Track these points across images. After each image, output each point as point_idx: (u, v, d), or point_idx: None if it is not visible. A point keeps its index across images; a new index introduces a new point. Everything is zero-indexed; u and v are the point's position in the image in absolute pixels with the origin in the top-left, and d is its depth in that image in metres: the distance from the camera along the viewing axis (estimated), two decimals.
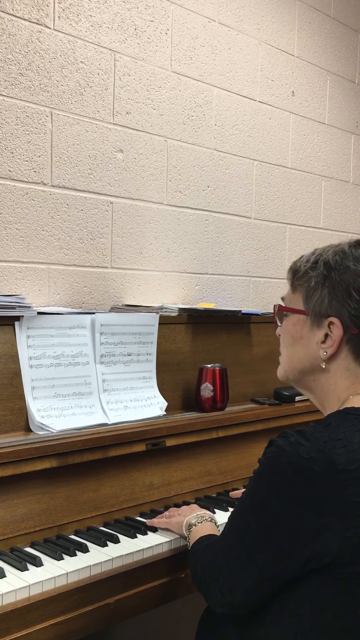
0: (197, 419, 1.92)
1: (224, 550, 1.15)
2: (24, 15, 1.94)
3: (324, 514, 1.02)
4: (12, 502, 1.46)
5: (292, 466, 1.04)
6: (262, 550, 1.07)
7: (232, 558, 1.12)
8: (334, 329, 1.16)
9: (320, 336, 1.18)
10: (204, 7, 2.48)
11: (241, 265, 2.71)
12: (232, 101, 2.63)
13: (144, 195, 2.31)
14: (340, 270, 1.17)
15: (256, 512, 1.08)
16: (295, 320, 1.23)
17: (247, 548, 1.09)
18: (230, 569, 1.12)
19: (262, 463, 1.10)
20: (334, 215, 3.20)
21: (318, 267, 1.19)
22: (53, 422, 1.71)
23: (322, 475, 1.02)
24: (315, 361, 1.20)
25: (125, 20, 2.21)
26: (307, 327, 1.21)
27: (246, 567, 1.09)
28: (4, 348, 1.69)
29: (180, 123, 2.42)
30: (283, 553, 1.05)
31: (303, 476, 1.03)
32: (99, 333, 1.88)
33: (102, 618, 1.33)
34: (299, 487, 1.03)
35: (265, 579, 1.09)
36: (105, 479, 1.64)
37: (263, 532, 1.07)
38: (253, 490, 1.11)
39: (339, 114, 3.18)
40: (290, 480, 1.04)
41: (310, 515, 1.02)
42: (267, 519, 1.06)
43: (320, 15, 3.03)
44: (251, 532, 1.09)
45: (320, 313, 1.18)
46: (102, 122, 2.17)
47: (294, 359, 1.24)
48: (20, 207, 1.97)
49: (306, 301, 1.21)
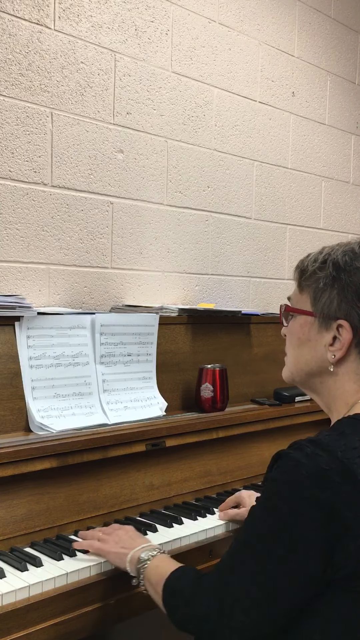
0: (197, 419, 1.92)
1: (240, 580, 1.03)
2: (24, 16, 1.94)
3: (346, 525, 0.98)
4: (12, 502, 1.46)
5: (311, 478, 0.99)
6: (289, 573, 0.99)
7: (252, 587, 1.01)
8: (342, 332, 1.13)
9: (328, 339, 1.15)
10: (204, 7, 2.48)
11: (241, 265, 2.71)
12: (233, 102, 2.63)
13: (144, 195, 2.31)
14: (350, 272, 1.14)
15: (277, 533, 1.00)
16: (302, 322, 1.20)
17: (270, 572, 1.00)
18: (251, 598, 1.01)
19: (278, 479, 1.03)
20: (334, 215, 3.20)
21: (327, 267, 1.16)
22: (53, 422, 1.71)
23: (342, 485, 0.99)
24: (323, 364, 1.17)
25: (126, 20, 2.21)
26: (315, 329, 1.17)
27: (271, 593, 1.00)
28: (4, 348, 1.69)
29: (180, 123, 2.42)
30: (309, 571, 0.99)
31: (324, 488, 0.99)
32: (99, 333, 1.88)
33: (103, 618, 1.33)
34: (321, 501, 0.98)
35: (290, 602, 1.01)
36: (105, 479, 1.64)
37: (289, 553, 0.99)
38: (269, 509, 1.03)
39: (339, 115, 3.18)
40: (312, 494, 0.99)
41: (333, 527, 0.98)
42: (290, 537, 0.99)
43: (321, 16, 3.03)
44: (274, 557, 1.00)
45: (329, 315, 1.15)
46: (103, 123, 2.17)
47: (301, 361, 1.21)
48: (20, 207, 1.97)
49: (314, 302, 1.17)
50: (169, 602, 1.14)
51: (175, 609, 1.12)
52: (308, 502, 0.99)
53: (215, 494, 1.87)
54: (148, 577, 1.22)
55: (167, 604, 1.14)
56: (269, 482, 1.06)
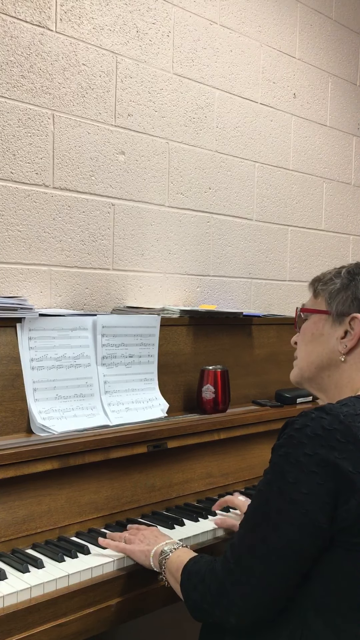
0: (199, 420, 1.92)
1: (249, 548, 1.11)
2: (26, 18, 1.94)
3: (349, 479, 1.05)
4: (13, 504, 1.46)
5: (315, 438, 1.07)
6: (299, 528, 1.07)
7: (263, 547, 1.09)
8: (355, 324, 1.24)
9: (340, 332, 1.27)
10: (205, 9, 2.48)
11: (242, 267, 2.71)
12: (234, 103, 2.63)
13: (145, 197, 2.31)
14: None
15: (286, 491, 1.08)
16: (316, 319, 1.31)
17: (281, 530, 1.08)
18: (263, 561, 1.09)
19: (285, 444, 1.11)
20: (335, 217, 3.20)
21: (341, 274, 1.30)
22: (54, 423, 1.71)
23: (345, 445, 1.07)
24: (334, 355, 1.27)
25: (127, 22, 2.21)
26: (329, 324, 1.29)
27: (279, 550, 1.08)
28: (5, 350, 1.69)
29: (181, 125, 2.42)
30: (318, 522, 1.06)
31: (327, 446, 1.07)
32: (100, 335, 1.88)
33: (104, 620, 1.33)
34: (325, 458, 1.06)
35: (300, 557, 1.08)
36: (106, 480, 1.64)
37: (297, 509, 1.07)
38: (277, 471, 1.11)
39: (341, 116, 3.18)
40: (317, 452, 1.07)
41: (336, 482, 1.05)
42: (298, 494, 1.07)
43: (322, 18, 3.03)
44: (284, 514, 1.08)
45: (343, 312, 1.26)
46: (104, 124, 2.17)
47: (313, 354, 1.31)
48: (22, 209, 1.98)
49: (329, 302, 1.29)
50: (186, 585, 1.20)
51: (191, 589, 1.18)
52: (313, 459, 1.07)
53: (216, 495, 1.87)
54: (169, 567, 1.28)
55: (184, 587, 1.20)
56: (276, 449, 1.13)
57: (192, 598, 1.18)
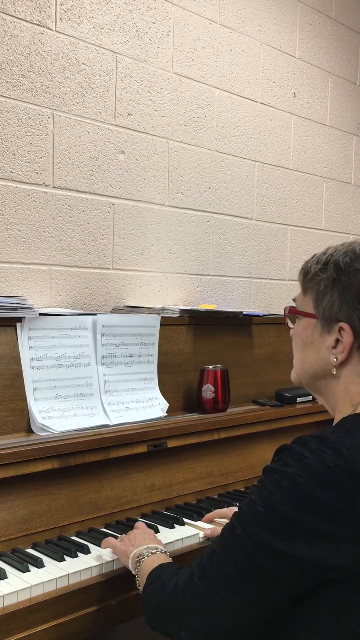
0: (199, 420, 1.92)
1: (218, 567, 1.03)
2: (25, 17, 1.94)
3: (346, 523, 0.97)
4: (13, 503, 1.46)
5: (315, 475, 0.98)
6: (270, 561, 0.99)
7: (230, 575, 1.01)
8: (344, 334, 1.12)
9: (331, 341, 1.15)
10: (205, 8, 2.48)
11: (242, 266, 2.71)
12: (234, 103, 2.63)
13: (145, 196, 2.31)
14: (350, 273, 1.13)
15: (270, 524, 0.99)
16: (305, 324, 1.19)
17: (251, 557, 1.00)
18: (229, 583, 1.01)
19: (279, 470, 1.02)
20: (335, 216, 3.20)
21: (328, 269, 1.15)
22: (54, 423, 1.71)
23: (345, 484, 0.98)
24: (326, 366, 1.16)
25: (127, 21, 2.21)
26: (318, 331, 1.17)
27: (249, 575, 1.00)
28: (5, 349, 1.69)
29: (181, 124, 2.42)
30: (301, 565, 0.98)
31: (327, 486, 0.98)
32: (100, 334, 1.88)
33: (104, 619, 1.33)
34: (322, 498, 0.97)
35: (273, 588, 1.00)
36: (106, 480, 1.64)
37: (280, 547, 0.98)
38: (266, 499, 1.01)
39: (341, 116, 3.18)
40: (313, 490, 0.98)
41: (334, 525, 0.97)
42: (285, 531, 0.98)
43: (322, 17, 3.03)
44: (262, 547, 0.99)
45: (330, 318, 1.14)
46: (104, 124, 2.17)
47: (305, 363, 1.20)
48: (22, 208, 1.98)
49: (316, 305, 1.17)
50: (147, 589, 1.14)
51: (150, 594, 1.12)
52: (307, 496, 0.97)
53: (217, 495, 1.87)
54: (142, 570, 1.23)
55: (145, 590, 1.15)
56: (267, 472, 1.04)
57: (149, 603, 1.12)
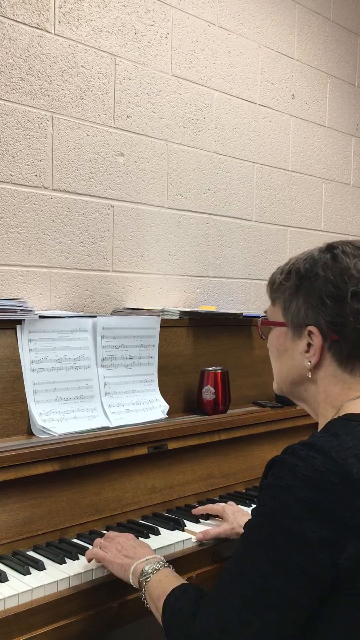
0: (199, 421, 1.92)
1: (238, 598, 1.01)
2: (24, 20, 1.95)
3: (345, 526, 0.98)
4: (14, 506, 1.46)
5: (308, 481, 0.99)
6: (291, 581, 0.98)
7: (251, 600, 1.00)
8: (314, 337, 1.15)
9: (302, 346, 1.17)
10: (203, 11, 2.48)
11: (242, 268, 2.72)
12: (233, 104, 2.63)
13: (144, 198, 2.31)
14: (311, 278, 1.16)
15: (276, 540, 0.99)
16: (278, 333, 1.23)
17: (271, 583, 0.99)
18: (251, 609, 1.00)
19: (274, 484, 1.02)
20: (334, 217, 3.20)
21: (291, 277, 1.20)
22: (55, 425, 1.71)
23: (339, 486, 0.98)
24: (302, 371, 1.19)
25: (126, 24, 2.22)
26: (290, 338, 1.20)
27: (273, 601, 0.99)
28: (5, 352, 1.69)
29: (180, 126, 2.43)
30: (310, 576, 0.98)
31: (322, 491, 0.98)
32: (100, 336, 1.88)
33: (106, 622, 1.33)
34: (319, 503, 0.97)
35: (294, 609, 1.00)
36: (107, 482, 1.64)
37: (289, 561, 0.98)
38: (266, 516, 1.02)
39: (339, 117, 3.18)
40: (309, 497, 0.98)
41: (332, 528, 0.97)
42: (291, 543, 0.98)
43: (320, 19, 3.03)
44: (275, 566, 0.99)
45: (299, 323, 1.17)
46: (103, 126, 2.17)
47: (283, 371, 1.23)
48: (21, 211, 1.98)
49: (284, 313, 1.20)
50: (168, 621, 1.12)
51: (174, 628, 1.11)
52: (305, 505, 0.98)
53: (217, 496, 1.87)
54: (150, 591, 1.20)
55: (166, 622, 1.13)
56: (264, 489, 1.05)
57: (174, 636, 1.11)
